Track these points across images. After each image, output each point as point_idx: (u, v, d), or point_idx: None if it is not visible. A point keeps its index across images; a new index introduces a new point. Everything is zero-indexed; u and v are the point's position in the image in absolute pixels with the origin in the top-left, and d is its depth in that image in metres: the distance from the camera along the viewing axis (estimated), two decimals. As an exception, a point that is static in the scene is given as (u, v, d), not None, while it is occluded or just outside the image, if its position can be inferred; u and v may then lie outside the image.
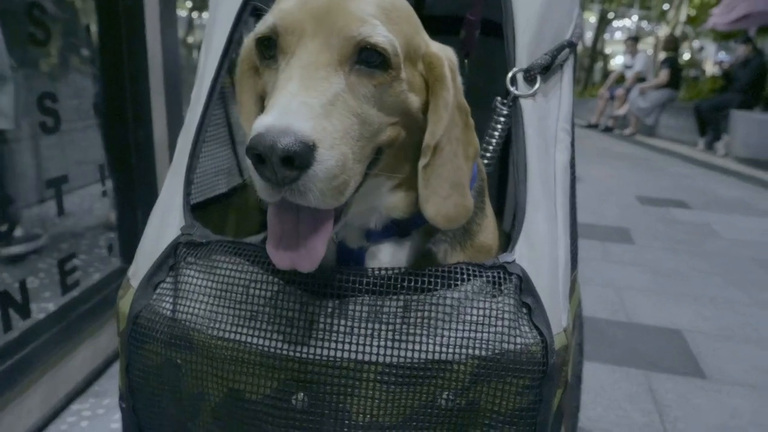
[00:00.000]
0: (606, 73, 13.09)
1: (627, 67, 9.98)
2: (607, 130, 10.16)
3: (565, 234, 0.88)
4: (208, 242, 0.83)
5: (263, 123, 0.55)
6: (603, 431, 1.84)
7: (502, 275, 0.76)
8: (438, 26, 1.08)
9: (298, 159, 0.54)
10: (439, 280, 0.74)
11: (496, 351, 0.72)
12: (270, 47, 0.67)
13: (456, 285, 0.74)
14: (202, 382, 0.77)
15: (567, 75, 0.99)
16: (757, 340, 2.53)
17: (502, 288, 0.75)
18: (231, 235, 1.34)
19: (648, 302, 2.91)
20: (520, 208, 0.82)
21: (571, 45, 0.98)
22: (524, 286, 0.76)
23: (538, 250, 0.81)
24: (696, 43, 15.03)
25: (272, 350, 0.73)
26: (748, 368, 2.27)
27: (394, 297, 0.74)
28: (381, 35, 0.63)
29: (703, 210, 4.92)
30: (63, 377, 1.73)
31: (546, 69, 0.92)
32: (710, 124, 7.87)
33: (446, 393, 0.71)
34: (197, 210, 1.25)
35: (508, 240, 0.84)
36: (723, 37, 11.38)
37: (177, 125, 2.29)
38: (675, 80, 9.18)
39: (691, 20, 11.95)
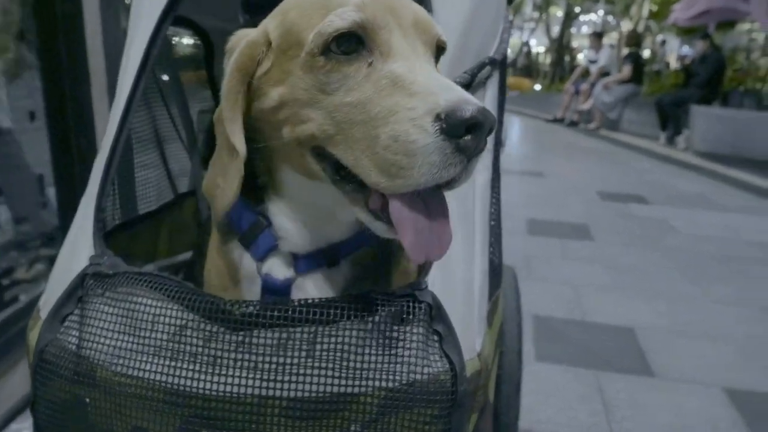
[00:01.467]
0: (572, 68, 13.24)
1: (591, 62, 10.10)
2: (573, 124, 10.28)
3: (483, 256, 0.88)
4: (115, 273, 0.80)
5: (464, 98, 0.54)
6: (551, 434, 1.86)
7: (412, 304, 0.75)
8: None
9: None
10: (346, 311, 0.73)
11: (404, 382, 0.71)
12: (348, 43, 0.63)
13: (365, 315, 0.73)
14: (109, 420, 0.75)
15: (490, 92, 0.99)
16: (708, 336, 2.59)
17: (412, 316, 0.74)
18: (164, 253, 1.31)
19: (604, 300, 2.96)
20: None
21: (494, 62, 0.98)
22: (435, 313, 0.75)
23: (453, 274, 0.81)
24: (660, 38, 15.30)
25: (176, 387, 0.71)
26: (696, 365, 2.32)
27: (301, 329, 0.72)
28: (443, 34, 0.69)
29: (661, 205, 5.01)
30: (2, 395, 1.68)
31: (465, 87, 0.91)
32: (671, 118, 8.01)
33: (354, 426, 0.70)
34: (125, 230, 1.22)
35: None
36: (685, 32, 11.61)
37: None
38: (638, 75, 9.33)
39: (653, 15, 12.15)
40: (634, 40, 9.76)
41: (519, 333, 1.41)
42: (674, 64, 14.00)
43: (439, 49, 0.71)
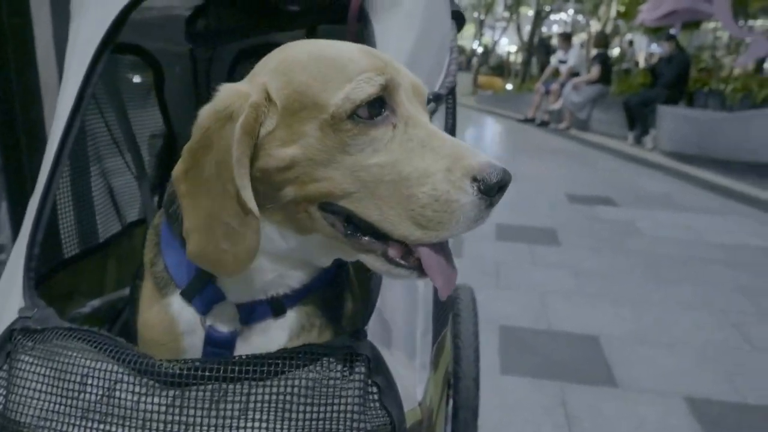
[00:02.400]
0: (543, 67, 13.38)
1: (561, 62, 10.22)
2: (543, 124, 10.38)
3: (426, 301, 0.87)
4: (44, 329, 0.78)
5: (491, 161, 0.63)
6: (514, 450, 1.87)
7: (350, 356, 0.74)
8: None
9: None
10: (281, 367, 0.71)
11: (341, 438, 0.70)
12: (374, 107, 0.65)
13: (301, 370, 0.72)
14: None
15: (436, 126, 0.98)
16: (667, 342, 2.63)
17: (350, 370, 0.73)
18: (112, 286, 1.27)
19: (570, 307, 2.99)
20: (375, 281, 0.80)
21: (438, 98, 0.97)
22: (374, 365, 0.74)
23: (394, 323, 0.80)
24: (628, 37, 15.53)
25: (104, 451, 0.68)
26: (655, 373, 2.36)
27: (234, 387, 0.70)
28: None
29: (628, 207, 5.09)
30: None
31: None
32: (638, 118, 8.14)
33: (290, 486, 0.69)
34: (69, 266, 1.19)
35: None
36: (653, 32, 11.79)
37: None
38: (606, 75, 9.46)
39: (621, 15, 12.34)
40: (603, 40, 9.89)
41: (476, 358, 1.41)
42: (643, 62, 14.23)
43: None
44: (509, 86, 16.34)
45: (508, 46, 22.86)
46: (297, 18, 1.32)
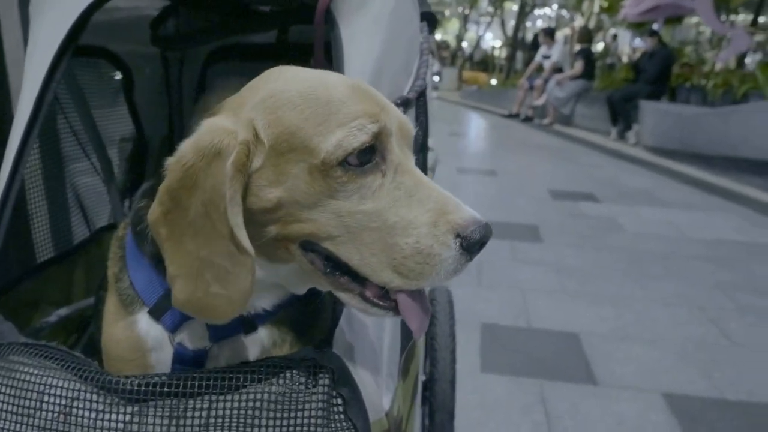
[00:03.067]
0: (527, 62, 13.42)
1: (545, 57, 10.26)
2: (527, 119, 10.43)
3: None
4: (0, 344, 0.76)
5: (476, 216, 0.64)
6: (493, 450, 1.87)
7: (313, 368, 0.73)
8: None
9: None
10: (242, 381, 0.70)
11: (304, 452, 0.69)
12: (365, 154, 0.64)
13: (263, 383, 0.71)
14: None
15: (404, 132, 0.97)
16: (647, 339, 2.65)
17: (314, 382, 0.72)
18: (81, 294, 1.25)
19: (551, 305, 3.00)
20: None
21: (406, 103, 0.96)
22: (338, 376, 0.73)
23: (360, 333, 0.79)
24: (612, 32, 15.62)
25: (61, 470, 0.67)
26: (634, 370, 2.38)
27: (194, 402, 0.69)
28: None
29: (610, 203, 5.13)
30: None
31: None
32: (621, 114, 8.21)
33: (252, 502, 0.68)
34: (35, 274, 1.16)
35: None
36: (636, 27, 11.87)
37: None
38: (589, 71, 9.52)
39: (605, 10, 12.41)
40: (586, 36, 9.94)
41: (452, 360, 1.41)
42: (626, 57, 14.32)
43: None
44: (494, 81, 16.38)
45: (492, 41, 22.91)
46: (268, 19, 1.30)
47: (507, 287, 3.20)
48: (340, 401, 0.73)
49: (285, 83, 0.67)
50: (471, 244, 0.63)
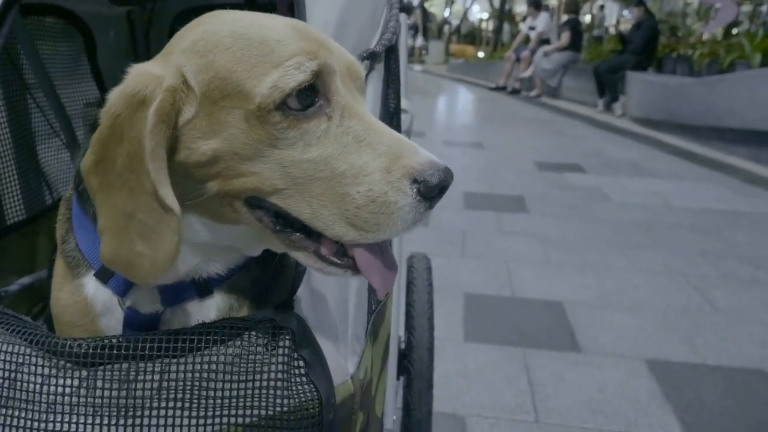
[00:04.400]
0: (514, 35, 13.30)
1: (531, 29, 10.16)
2: (515, 92, 10.36)
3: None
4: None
5: (434, 159, 0.59)
6: (475, 416, 1.87)
7: (273, 330, 0.69)
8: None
9: None
10: (195, 342, 0.67)
11: (263, 415, 0.66)
12: (306, 96, 0.59)
13: (220, 345, 0.67)
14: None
15: (371, 89, 0.92)
16: (630, 307, 2.66)
17: (273, 344, 0.69)
18: (44, 264, 1.20)
19: (535, 274, 2.99)
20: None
21: (373, 56, 0.91)
22: (300, 338, 0.70)
23: (323, 293, 0.76)
24: (600, 2, 15.47)
25: (7, 437, 0.64)
26: (617, 337, 2.38)
27: (148, 363, 0.66)
28: None
29: (596, 174, 5.12)
30: None
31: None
32: (608, 85, 8.16)
33: (209, 468, 0.65)
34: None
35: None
36: (623, -3, 11.77)
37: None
38: (576, 42, 9.44)
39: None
40: (573, 6, 9.84)
41: (430, 327, 1.38)
42: (613, 29, 14.21)
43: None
44: (481, 54, 16.24)
45: (480, 14, 22.66)
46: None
47: (491, 257, 3.19)
48: (301, 363, 0.70)
49: (216, 25, 0.62)
50: (429, 189, 0.58)
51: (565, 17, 9.95)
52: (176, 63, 0.60)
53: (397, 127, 1.25)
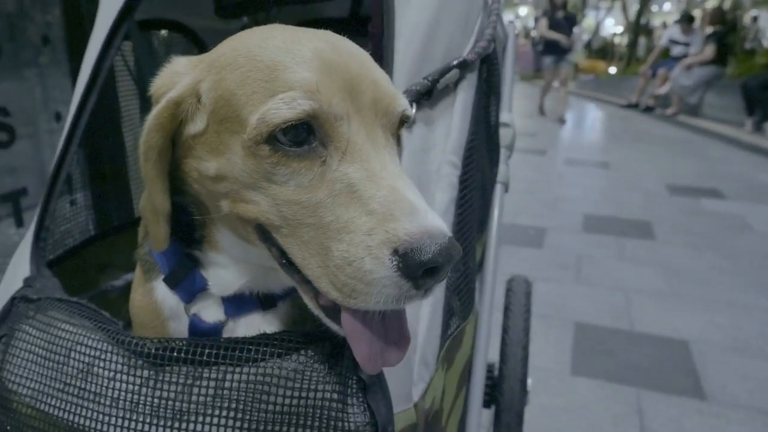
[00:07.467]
0: (650, 49, 12.47)
1: (672, 41, 9.43)
2: (648, 109, 9.68)
3: (439, 289, 0.78)
4: (39, 299, 0.77)
5: (430, 228, 0.49)
6: (576, 459, 1.72)
7: (332, 347, 0.66)
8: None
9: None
10: (253, 354, 0.66)
11: (316, 437, 0.63)
12: (297, 133, 0.54)
13: (278, 358, 0.66)
14: (22, 453, 0.72)
15: (462, 98, 0.88)
16: (771, 353, 2.33)
17: (332, 362, 0.66)
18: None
19: (658, 307, 2.73)
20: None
21: (464, 64, 0.86)
22: (361, 358, 0.67)
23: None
24: (753, 12, 14.07)
25: (77, 426, 0.67)
26: (753, 388, 2.09)
27: (206, 370, 0.66)
28: (408, 106, 0.61)
29: (738, 200, 4.60)
30: None
31: (425, 95, 0.81)
32: (759, 103, 7.35)
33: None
34: (103, 239, 1.20)
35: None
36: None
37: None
38: (722, 56, 8.63)
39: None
40: (719, 17, 9.00)
41: (524, 357, 1.28)
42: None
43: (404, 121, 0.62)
44: (612, 70, 15.40)
45: (613, 28, 21.57)
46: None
47: (608, 285, 2.96)
48: (360, 385, 0.66)
49: (244, 41, 0.59)
50: (411, 266, 0.48)
51: (709, 29, 9.12)
52: (197, 73, 0.60)
53: (496, 140, 1.18)
